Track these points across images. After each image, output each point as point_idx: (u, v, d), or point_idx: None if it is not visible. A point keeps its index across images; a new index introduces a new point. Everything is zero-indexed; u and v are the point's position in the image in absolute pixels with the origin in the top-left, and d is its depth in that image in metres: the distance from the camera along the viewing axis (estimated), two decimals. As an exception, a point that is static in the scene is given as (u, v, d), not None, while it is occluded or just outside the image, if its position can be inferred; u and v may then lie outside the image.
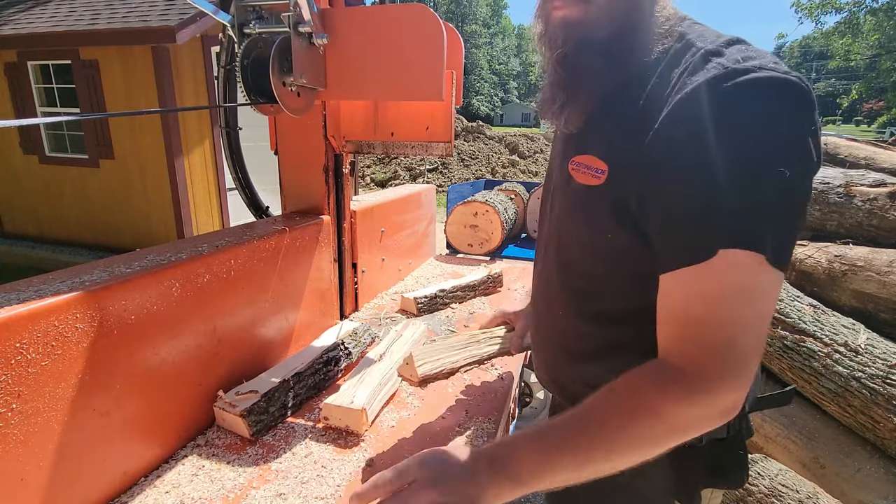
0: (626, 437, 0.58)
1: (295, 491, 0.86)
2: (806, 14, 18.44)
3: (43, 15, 5.83)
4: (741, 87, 0.55)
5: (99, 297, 0.78)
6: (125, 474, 0.86)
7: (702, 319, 0.58)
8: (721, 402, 0.57)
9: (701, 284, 0.58)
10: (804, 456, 2.22)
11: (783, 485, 1.86)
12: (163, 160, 5.39)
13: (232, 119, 1.53)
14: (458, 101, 1.49)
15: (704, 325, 0.58)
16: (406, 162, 12.24)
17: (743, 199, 0.55)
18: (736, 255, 0.55)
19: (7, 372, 0.67)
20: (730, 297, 0.56)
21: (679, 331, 0.60)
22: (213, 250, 1.03)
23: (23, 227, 6.47)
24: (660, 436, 0.58)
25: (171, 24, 4.83)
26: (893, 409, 1.97)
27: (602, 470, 0.58)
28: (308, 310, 1.36)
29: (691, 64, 0.61)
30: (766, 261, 0.55)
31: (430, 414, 1.10)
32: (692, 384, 0.57)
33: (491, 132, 14.29)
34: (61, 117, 1.08)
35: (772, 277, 0.56)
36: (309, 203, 1.46)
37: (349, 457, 0.95)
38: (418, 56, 1.10)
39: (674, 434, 0.58)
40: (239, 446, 0.98)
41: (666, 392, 0.57)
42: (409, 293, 1.71)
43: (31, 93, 5.81)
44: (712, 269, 0.56)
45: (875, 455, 2.08)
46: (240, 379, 1.10)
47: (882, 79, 20.15)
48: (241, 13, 1.13)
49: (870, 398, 2.03)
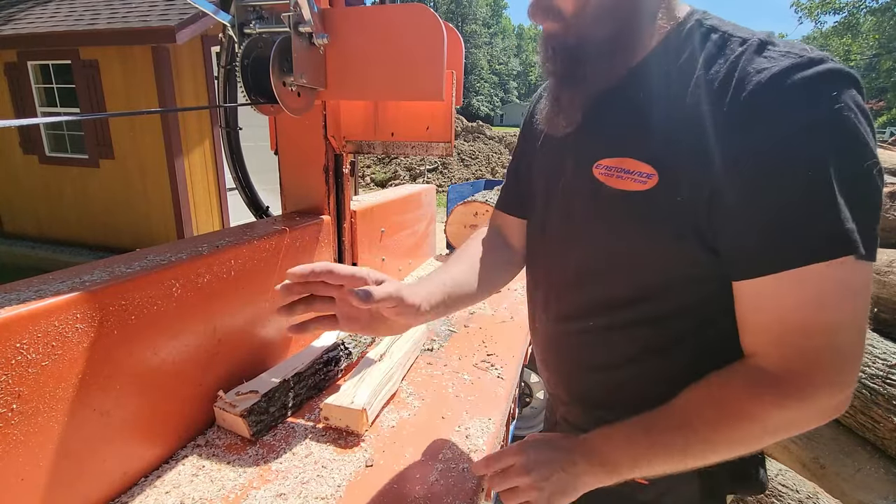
0: (720, 440, 0.60)
1: (295, 491, 0.86)
2: (806, 14, 18.44)
3: (43, 15, 5.83)
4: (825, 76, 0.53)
5: (99, 298, 0.78)
6: (125, 474, 0.86)
7: (800, 327, 0.56)
8: (825, 403, 0.57)
9: (796, 290, 0.55)
10: (804, 456, 2.22)
11: (783, 485, 1.86)
12: (163, 160, 5.39)
13: (232, 119, 1.53)
14: (458, 101, 1.49)
15: (802, 332, 0.56)
16: (406, 162, 12.24)
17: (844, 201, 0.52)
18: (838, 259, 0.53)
19: (7, 372, 0.67)
20: (827, 301, 0.55)
21: (774, 338, 0.59)
22: (213, 250, 1.03)
23: (23, 227, 6.47)
24: (755, 437, 0.59)
25: (171, 24, 4.83)
26: (893, 409, 1.97)
27: (695, 464, 0.62)
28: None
29: (737, 51, 0.58)
30: (858, 258, 0.53)
31: (431, 414, 1.10)
32: (788, 389, 0.57)
33: (491, 132, 14.28)
34: (61, 117, 1.08)
35: (865, 272, 0.55)
36: (309, 203, 1.46)
37: (349, 457, 0.95)
38: (418, 56, 1.10)
39: (770, 435, 0.59)
40: (239, 446, 0.98)
41: (762, 396, 0.58)
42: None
43: (31, 93, 5.81)
44: (809, 274, 0.54)
45: (875, 455, 2.07)
46: (240, 379, 1.11)
47: (882, 79, 20.15)
48: (241, 13, 1.13)
49: (870, 398, 2.03)
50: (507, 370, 1.30)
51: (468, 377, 1.25)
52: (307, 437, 1.01)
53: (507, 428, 1.55)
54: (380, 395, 1.09)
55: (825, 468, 2.14)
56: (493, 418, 1.08)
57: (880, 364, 2.08)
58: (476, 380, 1.24)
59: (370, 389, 1.06)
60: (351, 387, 1.08)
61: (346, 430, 1.02)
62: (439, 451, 0.97)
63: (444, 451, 0.96)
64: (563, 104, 0.71)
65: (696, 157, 0.59)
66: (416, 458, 0.95)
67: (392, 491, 0.86)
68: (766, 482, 0.77)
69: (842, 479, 2.07)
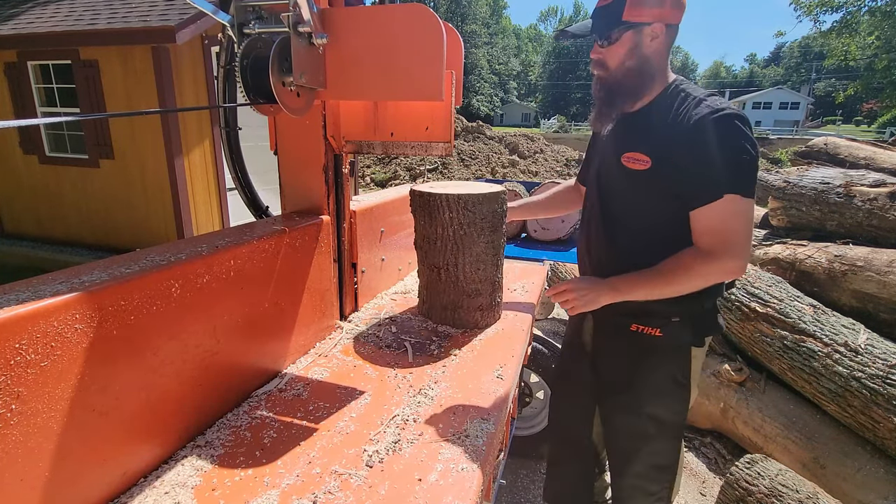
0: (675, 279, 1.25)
1: (296, 491, 0.86)
2: (805, 12, 18.41)
3: (43, 15, 5.82)
4: (722, 118, 1.18)
5: (98, 298, 0.78)
6: (125, 474, 0.86)
7: (717, 229, 1.21)
8: (728, 266, 1.21)
9: (713, 212, 1.20)
10: (804, 456, 2.22)
11: (783, 485, 1.86)
12: (163, 160, 5.38)
13: (232, 119, 1.53)
14: (458, 101, 1.49)
15: (718, 232, 1.21)
16: (406, 162, 12.24)
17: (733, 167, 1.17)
18: (731, 196, 1.17)
19: (6, 373, 0.67)
20: (726, 217, 1.19)
21: (707, 237, 1.22)
22: (213, 250, 1.03)
23: (23, 227, 6.47)
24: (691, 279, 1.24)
25: (171, 24, 4.83)
26: (893, 409, 1.97)
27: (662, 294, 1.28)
28: (308, 310, 1.36)
29: (691, 104, 1.23)
30: (743, 196, 1.17)
31: (431, 413, 1.10)
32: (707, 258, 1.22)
33: (491, 132, 14.29)
34: (61, 117, 1.07)
35: (748, 205, 1.19)
36: (309, 203, 1.46)
37: (349, 457, 0.95)
38: (418, 56, 1.10)
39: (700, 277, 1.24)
40: (239, 446, 0.98)
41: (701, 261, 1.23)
42: (409, 293, 1.71)
43: (31, 93, 5.80)
44: (721, 204, 1.18)
45: (875, 455, 2.07)
46: (240, 379, 1.10)
47: (880, 76, 20.11)
48: (241, 13, 1.13)
49: (870, 398, 2.03)
50: (506, 370, 1.30)
51: (469, 376, 1.25)
52: (307, 438, 1.01)
53: (507, 428, 1.55)
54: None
55: (825, 468, 2.14)
56: (493, 418, 1.08)
57: (880, 364, 2.08)
58: (476, 380, 1.24)
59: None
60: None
61: (350, 433, 1.02)
62: (439, 451, 0.97)
63: (443, 451, 0.96)
64: (603, 118, 1.38)
65: (670, 155, 1.24)
66: (416, 458, 0.95)
67: (392, 491, 0.86)
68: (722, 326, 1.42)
69: (842, 479, 2.07)
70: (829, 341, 2.25)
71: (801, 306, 2.45)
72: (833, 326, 2.31)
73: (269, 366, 1.23)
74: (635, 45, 1.26)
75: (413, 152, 1.52)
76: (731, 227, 1.18)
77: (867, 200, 2.78)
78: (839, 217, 2.88)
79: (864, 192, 2.81)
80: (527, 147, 13.68)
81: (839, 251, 2.69)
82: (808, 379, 2.27)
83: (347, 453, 0.96)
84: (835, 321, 2.34)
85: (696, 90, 1.26)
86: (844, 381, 2.12)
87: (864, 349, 2.16)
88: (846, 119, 60.00)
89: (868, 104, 44.93)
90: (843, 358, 2.17)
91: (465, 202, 1.46)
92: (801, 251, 2.88)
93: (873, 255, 2.54)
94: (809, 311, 2.42)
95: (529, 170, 12.37)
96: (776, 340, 2.41)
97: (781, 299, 2.50)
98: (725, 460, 2.60)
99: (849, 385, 2.10)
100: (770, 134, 30.11)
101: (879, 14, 17.40)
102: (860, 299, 2.55)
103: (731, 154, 1.16)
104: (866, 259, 2.55)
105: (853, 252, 2.63)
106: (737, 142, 1.16)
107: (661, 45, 1.27)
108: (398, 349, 1.42)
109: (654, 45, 1.26)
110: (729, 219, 1.18)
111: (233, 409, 1.11)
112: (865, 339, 2.21)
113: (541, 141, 14.43)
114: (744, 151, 1.16)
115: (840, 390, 2.13)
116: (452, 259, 1.51)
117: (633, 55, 1.27)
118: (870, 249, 2.61)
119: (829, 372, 2.19)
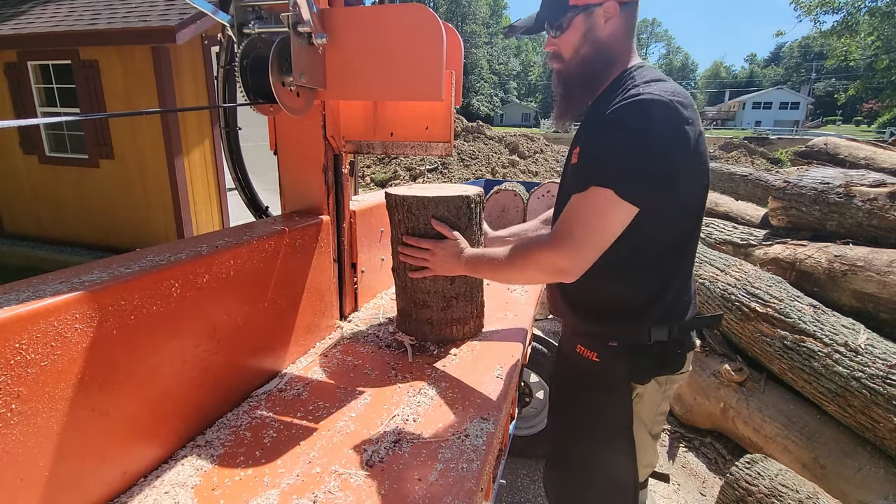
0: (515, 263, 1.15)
1: (296, 491, 0.86)
2: (805, 12, 18.40)
3: (43, 15, 5.83)
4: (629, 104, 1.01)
5: (98, 298, 0.78)
6: (125, 474, 0.86)
7: (564, 219, 1.07)
8: (556, 261, 1.07)
9: (575, 202, 1.06)
10: (804, 456, 2.22)
11: (783, 485, 1.86)
12: (163, 160, 5.38)
13: (232, 119, 1.53)
14: (458, 101, 1.49)
15: (564, 222, 1.07)
16: (406, 162, 12.24)
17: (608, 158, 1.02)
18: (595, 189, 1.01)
19: (6, 372, 0.67)
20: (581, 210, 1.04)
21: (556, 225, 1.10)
22: (213, 250, 1.03)
23: (23, 227, 6.47)
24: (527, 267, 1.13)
25: (171, 24, 4.83)
26: (893, 409, 1.96)
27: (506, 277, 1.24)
28: (307, 310, 1.36)
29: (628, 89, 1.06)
30: (616, 192, 0.99)
31: (431, 413, 1.10)
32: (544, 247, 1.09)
33: (491, 132, 14.28)
34: (61, 117, 1.07)
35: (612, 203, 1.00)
36: (308, 203, 1.46)
37: (349, 456, 0.95)
38: (418, 56, 1.10)
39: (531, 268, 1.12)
40: (239, 446, 0.98)
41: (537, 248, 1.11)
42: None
43: (31, 93, 5.80)
44: (583, 195, 1.04)
45: (875, 455, 2.07)
46: (240, 379, 1.10)
47: (880, 76, 20.10)
48: (241, 13, 1.13)
49: (870, 398, 2.03)
50: (506, 370, 1.30)
51: (467, 377, 1.25)
52: (307, 438, 1.01)
53: (507, 428, 1.54)
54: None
55: (825, 468, 2.14)
56: (493, 418, 1.08)
57: (880, 364, 2.08)
58: (476, 380, 1.24)
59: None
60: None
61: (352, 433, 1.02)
62: (439, 450, 0.97)
63: (443, 451, 0.96)
64: (564, 114, 1.26)
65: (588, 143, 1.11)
66: (416, 458, 0.95)
67: (392, 491, 0.86)
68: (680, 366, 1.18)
69: (842, 479, 2.07)
70: (829, 341, 2.25)
71: (801, 306, 2.45)
72: (833, 326, 2.31)
73: (268, 365, 1.23)
74: (588, 29, 1.11)
75: (413, 152, 1.52)
76: (577, 219, 1.04)
77: (867, 200, 2.78)
78: (839, 217, 2.88)
79: (864, 192, 2.81)
80: (527, 147, 13.67)
81: (839, 251, 2.69)
82: (808, 379, 2.27)
83: (347, 453, 0.96)
84: (835, 321, 2.34)
85: (645, 75, 1.08)
86: (844, 381, 2.12)
87: (864, 349, 2.16)
88: (846, 119, 59.99)
89: (868, 104, 44.91)
90: (843, 358, 2.17)
91: (409, 204, 1.33)
92: (801, 251, 2.88)
93: (873, 255, 2.54)
94: (809, 311, 2.42)
95: (529, 170, 12.37)
96: (776, 340, 2.41)
97: (781, 299, 2.50)
98: (725, 460, 2.60)
99: (849, 385, 2.10)
100: (770, 134, 30.15)
101: (879, 14, 17.39)
102: (860, 299, 2.55)
103: (609, 143, 1.02)
104: (866, 259, 2.55)
105: (853, 252, 2.63)
106: (622, 130, 1.00)
107: (617, 27, 1.11)
108: (398, 349, 1.42)
109: (609, 26, 1.11)
110: (581, 211, 1.03)
111: (233, 408, 1.11)
112: (865, 339, 2.21)
113: (541, 141, 14.42)
114: (627, 142, 0.99)
115: (840, 390, 2.13)
116: (401, 265, 1.43)
117: (586, 41, 1.12)
118: (870, 249, 2.60)
119: (829, 372, 2.19)
